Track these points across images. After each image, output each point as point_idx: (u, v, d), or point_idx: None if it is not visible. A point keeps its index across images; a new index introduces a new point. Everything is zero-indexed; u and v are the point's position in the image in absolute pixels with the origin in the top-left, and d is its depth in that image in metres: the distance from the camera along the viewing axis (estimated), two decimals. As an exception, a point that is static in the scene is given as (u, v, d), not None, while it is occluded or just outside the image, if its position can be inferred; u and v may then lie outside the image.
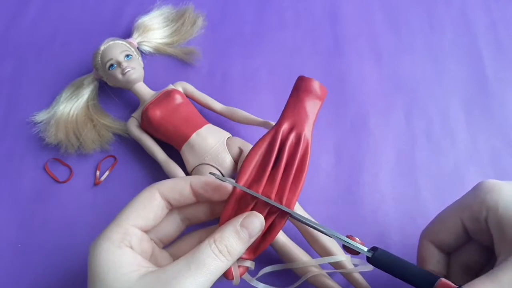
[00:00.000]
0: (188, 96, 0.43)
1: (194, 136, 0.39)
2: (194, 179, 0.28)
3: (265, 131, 0.40)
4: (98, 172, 0.42)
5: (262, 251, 0.28)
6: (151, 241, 0.28)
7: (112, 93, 0.45)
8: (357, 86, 0.46)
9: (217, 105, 0.42)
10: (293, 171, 0.29)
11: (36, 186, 0.42)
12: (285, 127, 0.30)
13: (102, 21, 0.50)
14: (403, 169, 0.42)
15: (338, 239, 0.28)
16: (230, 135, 0.40)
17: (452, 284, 0.26)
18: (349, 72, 0.47)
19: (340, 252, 0.35)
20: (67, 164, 0.42)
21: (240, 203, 0.29)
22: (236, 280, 0.28)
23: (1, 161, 0.43)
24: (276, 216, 0.28)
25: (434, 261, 0.31)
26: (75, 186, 0.41)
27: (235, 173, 0.39)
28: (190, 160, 0.38)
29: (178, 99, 0.40)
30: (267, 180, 0.29)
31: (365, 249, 0.29)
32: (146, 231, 0.28)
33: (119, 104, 0.45)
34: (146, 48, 0.47)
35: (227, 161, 0.38)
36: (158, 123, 0.39)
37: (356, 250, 0.28)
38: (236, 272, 0.28)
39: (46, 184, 0.42)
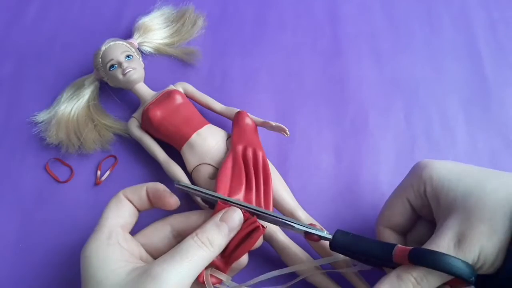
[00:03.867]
0: (189, 96, 0.43)
1: (194, 136, 0.39)
2: (150, 185, 0.31)
3: (265, 131, 0.41)
4: (98, 172, 0.42)
5: (236, 260, 0.30)
6: (139, 245, 0.30)
7: (113, 93, 0.45)
8: (357, 86, 0.46)
9: (217, 105, 0.42)
10: (261, 177, 0.35)
11: (37, 186, 0.42)
12: (239, 148, 0.37)
13: (102, 22, 0.50)
14: (403, 169, 0.42)
15: (299, 230, 0.31)
16: (230, 135, 0.40)
17: (407, 247, 0.28)
18: (349, 72, 0.47)
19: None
20: (68, 164, 0.42)
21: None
22: (208, 286, 0.29)
23: (2, 161, 0.43)
24: (254, 229, 0.30)
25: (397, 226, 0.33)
26: (75, 186, 0.42)
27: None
28: (191, 160, 0.39)
29: (179, 99, 0.41)
30: (245, 188, 0.35)
31: (325, 232, 0.31)
32: (128, 231, 0.30)
33: (119, 105, 0.45)
34: (147, 48, 0.47)
35: (227, 161, 0.39)
36: (158, 123, 0.39)
37: (317, 235, 0.31)
38: (207, 279, 0.29)
39: (47, 184, 0.42)
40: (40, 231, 0.39)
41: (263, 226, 0.30)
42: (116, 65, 0.42)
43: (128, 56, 0.42)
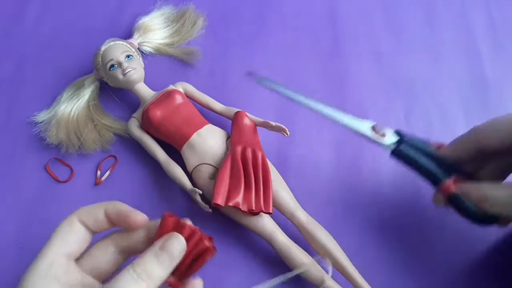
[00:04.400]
0: (189, 96, 0.43)
1: (194, 136, 0.39)
2: (108, 205, 0.28)
3: (265, 131, 0.41)
4: (99, 172, 0.42)
5: (191, 276, 0.27)
6: (83, 273, 0.27)
7: (113, 93, 0.45)
8: (357, 86, 0.46)
9: (217, 105, 0.42)
10: (261, 178, 0.36)
11: (37, 186, 0.42)
12: (238, 148, 0.37)
13: (102, 22, 0.50)
14: (403, 169, 0.42)
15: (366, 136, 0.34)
16: (230, 135, 0.40)
17: (454, 186, 0.31)
18: (349, 72, 0.47)
19: (338, 250, 0.35)
20: (68, 164, 0.42)
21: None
22: None
23: (2, 161, 0.43)
24: (204, 250, 0.26)
25: (465, 155, 0.32)
26: (76, 186, 0.42)
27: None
28: (191, 160, 0.39)
29: (179, 99, 0.41)
30: (244, 189, 0.35)
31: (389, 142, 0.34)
32: (74, 258, 0.27)
33: (119, 105, 0.45)
34: (147, 48, 0.47)
35: (227, 161, 0.39)
36: (158, 123, 0.39)
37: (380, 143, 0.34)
38: None
39: (47, 184, 0.42)
40: (40, 231, 0.39)
41: (214, 247, 0.26)
42: (116, 65, 0.42)
43: (128, 56, 0.42)
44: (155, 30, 0.48)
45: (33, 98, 0.46)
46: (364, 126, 0.35)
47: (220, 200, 0.34)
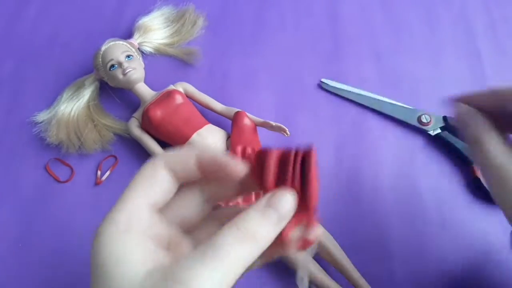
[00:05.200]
0: (189, 96, 0.43)
1: (194, 136, 0.39)
2: (201, 152, 0.23)
3: (265, 131, 0.41)
4: (99, 172, 0.42)
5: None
6: (168, 224, 0.23)
7: (113, 93, 0.45)
8: (357, 86, 0.46)
9: (217, 105, 0.42)
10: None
11: (37, 186, 0.42)
12: (238, 148, 0.37)
13: (102, 22, 0.50)
14: (403, 169, 0.42)
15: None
16: (230, 135, 0.40)
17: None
18: (349, 72, 0.47)
19: (338, 250, 0.35)
20: (68, 164, 0.42)
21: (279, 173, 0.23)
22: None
23: (2, 161, 0.43)
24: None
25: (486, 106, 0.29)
26: (76, 186, 0.42)
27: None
28: (191, 160, 0.39)
29: (179, 99, 0.41)
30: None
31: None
32: (158, 209, 0.23)
33: (120, 104, 0.45)
34: (147, 48, 0.47)
35: (228, 161, 0.39)
36: (158, 123, 0.39)
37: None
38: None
39: (47, 184, 0.42)
40: (40, 231, 0.39)
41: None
42: (116, 65, 0.42)
43: (128, 56, 0.42)
44: (155, 30, 0.48)
45: (33, 98, 0.46)
46: (411, 114, 0.42)
47: None
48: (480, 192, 0.39)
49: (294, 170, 0.22)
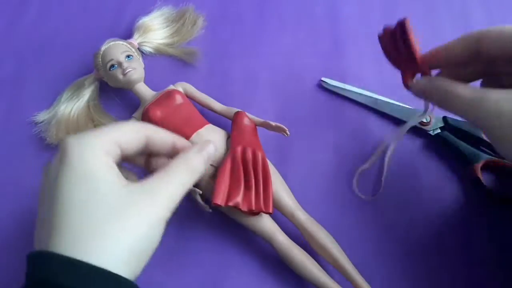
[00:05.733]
0: (189, 97, 0.43)
1: (194, 136, 0.39)
2: (179, 141, 0.31)
3: (265, 131, 0.41)
4: (98, 172, 0.42)
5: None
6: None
7: (113, 93, 0.45)
8: (357, 86, 0.46)
9: (217, 105, 0.42)
10: (261, 178, 0.36)
11: (37, 186, 0.42)
12: (238, 149, 0.37)
13: (102, 22, 0.50)
14: (402, 168, 0.42)
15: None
16: (230, 135, 0.40)
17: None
18: (349, 72, 0.47)
19: (338, 250, 0.35)
20: (68, 164, 0.42)
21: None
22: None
23: (2, 161, 0.43)
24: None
25: (461, 53, 0.33)
26: (76, 186, 0.42)
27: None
28: (191, 160, 0.39)
29: (179, 99, 0.41)
30: (244, 189, 0.35)
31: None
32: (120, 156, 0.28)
33: (120, 105, 0.45)
34: (147, 48, 0.47)
35: (227, 161, 0.39)
36: (158, 123, 0.39)
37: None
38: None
39: (47, 184, 0.42)
40: (40, 231, 0.39)
41: None
42: (116, 65, 0.42)
43: (128, 56, 0.42)
44: (155, 30, 0.48)
45: (33, 98, 0.46)
46: (411, 114, 0.42)
47: (220, 200, 0.34)
48: (480, 192, 0.39)
49: (402, 39, 0.33)
